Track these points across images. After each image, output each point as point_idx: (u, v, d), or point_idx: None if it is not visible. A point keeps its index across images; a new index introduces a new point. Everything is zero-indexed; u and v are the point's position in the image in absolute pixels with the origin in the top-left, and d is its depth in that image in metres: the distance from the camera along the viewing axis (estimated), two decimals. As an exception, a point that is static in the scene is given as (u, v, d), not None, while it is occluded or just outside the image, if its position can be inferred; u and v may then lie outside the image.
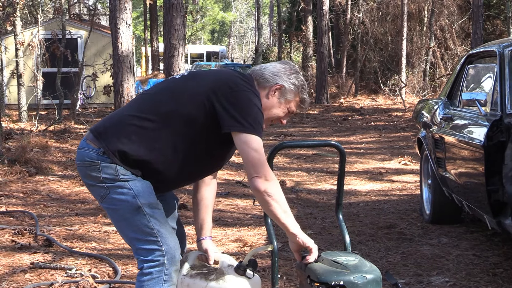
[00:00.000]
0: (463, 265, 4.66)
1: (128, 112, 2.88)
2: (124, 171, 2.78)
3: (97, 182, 2.81)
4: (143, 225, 2.79)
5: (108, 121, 2.90)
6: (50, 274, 4.57)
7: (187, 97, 2.80)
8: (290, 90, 2.92)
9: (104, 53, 16.97)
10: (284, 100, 2.92)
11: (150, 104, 2.86)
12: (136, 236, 2.81)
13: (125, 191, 2.78)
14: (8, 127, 13.53)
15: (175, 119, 2.79)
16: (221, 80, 2.84)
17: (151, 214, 2.79)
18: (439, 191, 5.65)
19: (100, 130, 2.84)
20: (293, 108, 2.97)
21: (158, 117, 2.79)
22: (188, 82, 2.89)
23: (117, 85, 10.27)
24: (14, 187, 7.84)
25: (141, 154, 2.78)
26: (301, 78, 2.96)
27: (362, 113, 18.29)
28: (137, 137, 2.78)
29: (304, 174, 9.00)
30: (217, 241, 5.34)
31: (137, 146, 2.78)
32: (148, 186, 2.81)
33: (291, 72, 2.94)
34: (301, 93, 2.95)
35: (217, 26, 66.51)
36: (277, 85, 2.90)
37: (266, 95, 2.91)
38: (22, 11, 16.54)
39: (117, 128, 2.82)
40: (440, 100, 6.08)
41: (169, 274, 2.80)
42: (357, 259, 2.77)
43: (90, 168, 2.80)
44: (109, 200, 2.81)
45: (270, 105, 2.91)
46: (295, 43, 29.03)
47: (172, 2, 10.56)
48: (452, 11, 22.37)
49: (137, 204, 2.77)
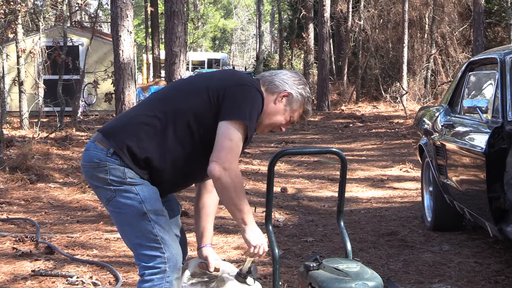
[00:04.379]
0: (464, 272, 4.65)
1: (136, 112, 2.92)
2: (132, 175, 2.78)
3: (104, 184, 2.81)
4: (147, 231, 2.78)
5: (116, 121, 2.94)
6: (51, 281, 4.57)
7: (195, 94, 2.84)
8: (297, 99, 2.94)
9: (106, 60, 16.98)
10: (289, 108, 2.95)
11: (158, 103, 2.89)
12: (140, 241, 2.81)
13: (132, 195, 2.78)
14: (10, 134, 13.53)
15: (183, 116, 2.81)
16: (228, 76, 2.91)
17: (156, 221, 2.79)
18: (440, 198, 5.65)
19: (108, 130, 2.86)
20: (295, 118, 2.99)
21: (166, 114, 2.81)
22: (196, 81, 2.95)
23: (119, 92, 10.26)
24: (15, 195, 7.84)
25: (149, 151, 2.79)
26: (308, 91, 2.99)
27: (363, 120, 18.29)
28: (146, 134, 2.80)
29: (306, 181, 9.00)
30: (219, 248, 5.33)
31: (146, 143, 2.79)
32: (154, 192, 2.82)
33: (300, 82, 2.97)
34: (306, 104, 2.98)
35: (218, 33, 66.59)
36: (285, 92, 2.93)
37: (274, 100, 2.93)
38: (24, 19, 16.58)
39: (126, 127, 2.84)
40: (441, 107, 6.09)
41: (170, 281, 2.79)
42: (359, 266, 2.77)
43: (98, 169, 2.80)
44: (115, 204, 2.81)
45: (275, 110, 2.94)
46: (296, 50, 29.08)
47: (173, 9, 10.58)
48: (453, 18, 22.40)
49: (143, 210, 2.77)
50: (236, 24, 67.16)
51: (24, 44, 16.02)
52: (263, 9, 45.98)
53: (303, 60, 27.54)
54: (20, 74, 15.71)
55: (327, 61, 22.31)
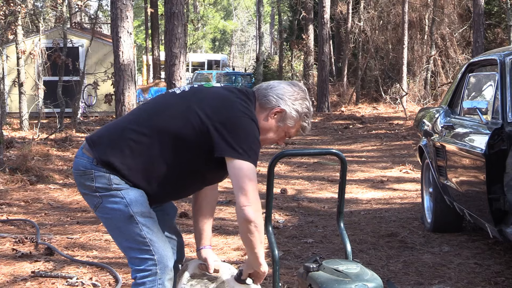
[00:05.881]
0: (464, 273, 4.65)
1: (125, 124, 2.86)
2: (118, 181, 2.77)
3: (90, 191, 2.81)
4: (136, 234, 2.79)
5: (104, 131, 2.89)
6: (51, 282, 4.57)
7: (182, 116, 2.76)
8: (291, 116, 2.85)
9: (106, 61, 16.99)
10: (283, 125, 2.87)
11: (146, 118, 2.83)
12: (129, 245, 2.82)
13: (118, 200, 2.78)
14: (10, 135, 13.53)
15: (169, 136, 2.76)
16: (219, 104, 2.77)
17: (143, 223, 2.79)
18: (440, 199, 5.65)
19: (94, 140, 2.84)
20: (292, 134, 2.93)
21: (152, 132, 2.77)
22: (187, 100, 2.82)
23: (119, 93, 10.26)
24: (15, 196, 7.84)
25: (133, 169, 2.77)
26: (306, 105, 2.87)
27: (363, 121, 18.29)
28: (130, 151, 2.77)
29: (305, 183, 9.00)
30: (218, 249, 5.33)
31: (130, 161, 2.77)
32: (141, 195, 2.81)
33: (297, 97, 2.85)
34: (302, 121, 2.89)
35: (218, 35, 66.63)
36: (278, 108, 2.83)
37: (266, 117, 2.85)
38: (24, 20, 16.57)
39: (112, 140, 2.81)
40: (441, 108, 6.09)
41: (162, 283, 2.81)
42: (359, 267, 2.76)
43: (84, 177, 2.81)
44: (102, 209, 2.82)
45: (267, 127, 2.86)
46: (296, 51, 29.08)
47: (173, 10, 10.58)
48: (453, 20, 22.41)
49: (129, 213, 2.77)
50: (236, 25, 67.20)
51: (24, 45, 16.02)
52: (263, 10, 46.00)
53: (303, 61, 27.57)
54: (20, 75, 15.71)
55: (327, 62, 22.32)
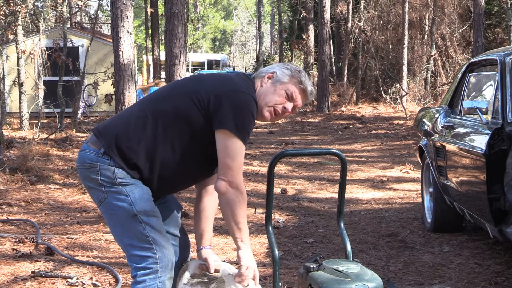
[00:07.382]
0: (464, 273, 4.65)
1: (130, 111, 2.93)
2: (123, 175, 2.79)
3: (95, 185, 2.83)
4: (138, 232, 2.80)
5: (109, 121, 2.95)
6: (51, 282, 4.57)
7: (186, 96, 2.82)
8: (283, 74, 2.93)
9: (106, 61, 16.99)
10: (279, 84, 2.93)
11: (150, 103, 2.89)
12: (131, 242, 2.82)
13: (123, 197, 2.79)
14: (10, 135, 13.53)
15: (174, 117, 2.80)
16: (220, 81, 2.86)
17: (147, 222, 2.80)
18: (440, 199, 5.65)
19: (101, 129, 2.88)
20: (297, 98, 2.94)
21: (157, 115, 2.81)
22: (191, 83, 2.93)
23: (119, 93, 10.26)
24: (15, 196, 7.84)
25: (138, 152, 2.79)
26: (295, 67, 2.98)
27: (363, 121, 18.29)
28: (135, 134, 2.80)
29: (306, 183, 9.00)
30: (219, 249, 5.33)
31: (135, 144, 2.79)
32: (145, 193, 2.82)
33: (285, 64, 3.00)
34: (297, 76, 2.94)
35: (219, 35, 66.62)
36: (269, 73, 2.95)
37: (260, 84, 2.94)
38: (24, 20, 16.56)
39: (117, 126, 2.85)
40: (441, 108, 6.09)
41: (162, 282, 2.81)
42: (359, 267, 2.76)
43: (90, 170, 2.82)
44: (107, 205, 2.83)
45: (264, 91, 2.92)
46: (296, 51, 29.08)
47: (174, 10, 10.59)
48: (453, 20, 22.40)
49: (134, 211, 2.78)
50: (236, 25, 67.20)
51: (24, 45, 16.01)
52: (263, 10, 46.00)
53: (303, 61, 27.54)
54: (20, 75, 15.71)
55: (327, 62, 22.31)
